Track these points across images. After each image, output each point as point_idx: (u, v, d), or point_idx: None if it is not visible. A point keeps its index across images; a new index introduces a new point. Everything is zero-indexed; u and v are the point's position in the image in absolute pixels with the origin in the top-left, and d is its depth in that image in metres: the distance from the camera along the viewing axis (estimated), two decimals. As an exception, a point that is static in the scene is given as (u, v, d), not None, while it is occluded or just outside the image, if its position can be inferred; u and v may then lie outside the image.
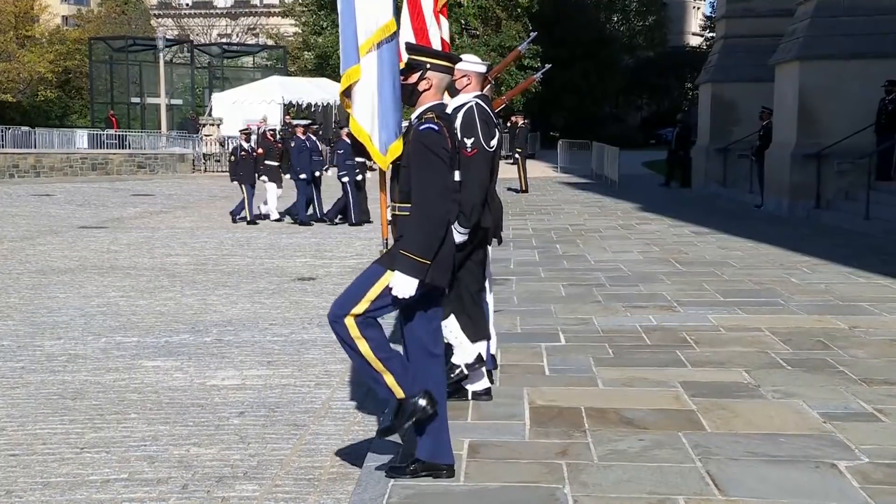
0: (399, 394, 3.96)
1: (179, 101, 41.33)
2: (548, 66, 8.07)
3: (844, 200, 15.66)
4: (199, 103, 41.02)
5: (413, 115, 4.18)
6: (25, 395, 5.90)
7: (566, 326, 7.37)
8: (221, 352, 7.02)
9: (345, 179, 16.17)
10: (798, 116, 16.47)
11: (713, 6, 59.51)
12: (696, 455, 4.43)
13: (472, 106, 5.10)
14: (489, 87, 5.61)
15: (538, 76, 7.92)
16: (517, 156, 23.79)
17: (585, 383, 5.74)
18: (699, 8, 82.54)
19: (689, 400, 5.34)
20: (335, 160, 17.73)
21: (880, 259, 10.89)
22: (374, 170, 14.91)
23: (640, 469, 4.26)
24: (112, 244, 13.38)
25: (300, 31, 49.38)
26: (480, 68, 5.30)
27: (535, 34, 8.58)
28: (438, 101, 4.17)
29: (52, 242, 13.54)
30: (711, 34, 55.47)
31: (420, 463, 4.10)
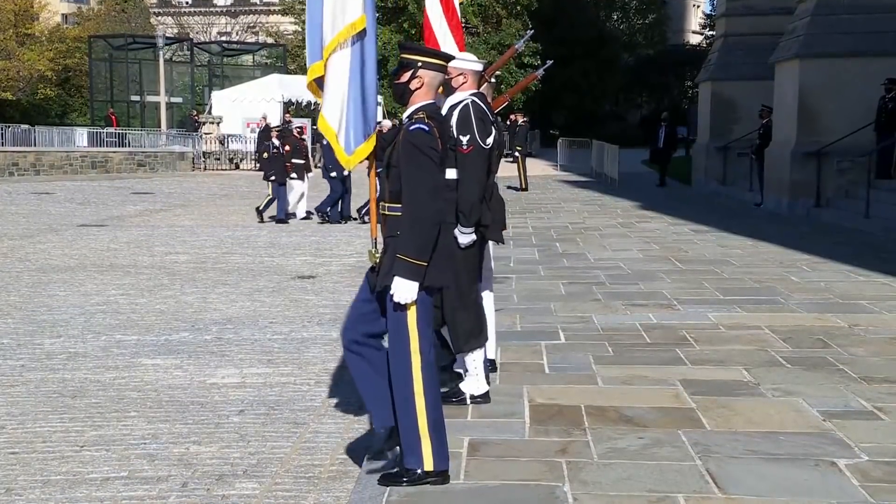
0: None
1: (179, 100, 41.31)
2: (550, 62, 8.03)
3: (844, 199, 15.66)
4: (199, 101, 41.00)
5: (404, 114, 4.15)
6: (25, 393, 5.90)
7: (566, 325, 7.37)
8: (221, 350, 7.02)
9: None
10: (798, 114, 16.47)
11: (713, 4, 59.58)
12: (695, 453, 4.43)
13: (468, 103, 5.09)
14: (486, 85, 5.60)
15: (540, 72, 7.89)
16: (517, 154, 23.80)
17: (585, 381, 5.74)
18: (699, 6, 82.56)
19: (689, 398, 5.34)
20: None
21: (880, 257, 10.89)
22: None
23: (639, 467, 4.26)
24: (112, 242, 13.38)
25: (300, 30, 49.35)
26: (477, 66, 5.29)
27: (531, 32, 8.56)
28: (430, 101, 4.13)
29: (52, 241, 13.54)
30: (711, 32, 55.49)
31: (410, 472, 4.04)
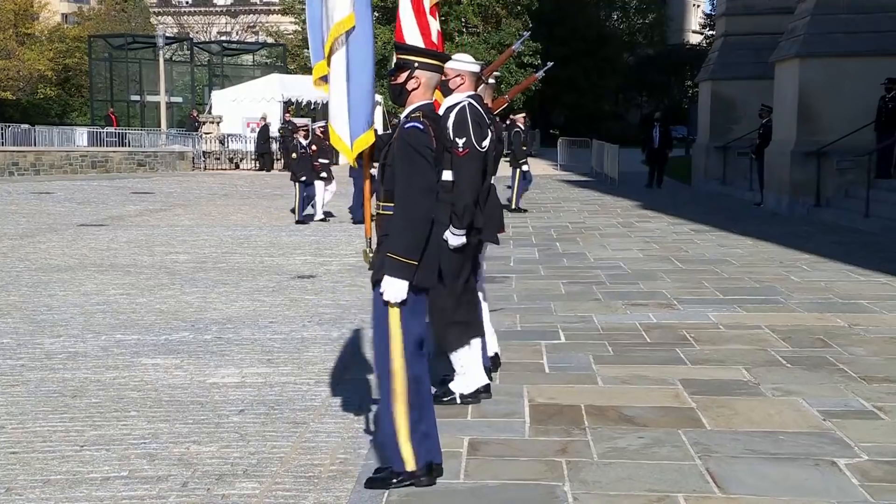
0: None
1: (179, 99, 41.32)
2: (550, 63, 8.03)
3: (844, 198, 15.66)
4: (199, 101, 41.01)
5: (402, 114, 4.18)
6: (25, 392, 5.89)
7: (566, 324, 7.37)
8: (221, 350, 7.02)
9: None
10: (798, 114, 16.47)
11: (713, 4, 59.54)
12: (695, 453, 4.43)
13: (465, 106, 5.09)
14: (484, 86, 5.60)
15: (540, 74, 7.89)
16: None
17: (585, 381, 5.74)
18: (699, 5, 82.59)
19: (689, 397, 5.34)
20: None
21: (880, 257, 10.89)
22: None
23: (639, 467, 4.26)
24: (112, 242, 13.37)
25: (300, 29, 49.33)
26: (474, 67, 5.29)
27: (527, 33, 8.55)
28: (427, 101, 4.15)
29: (52, 240, 13.53)
30: (711, 32, 55.52)
31: (396, 473, 4.05)
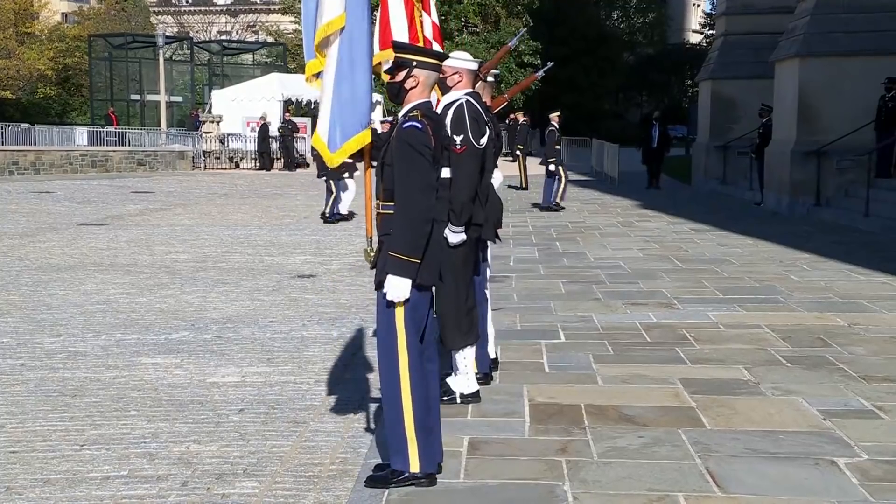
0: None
1: (179, 98, 41.31)
2: (550, 63, 8.01)
3: (844, 198, 15.66)
4: (199, 100, 41.00)
5: (400, 113, 4.19)
6: (25, 391, 5.90)
7: (566, 323, 7.37)
8: (221, 349, 7.02)
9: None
10: (798, 113, 16.47)
11: (713, 3, 59.56)
12: (695, 452, 4.43)
13: (463, 103, 5.10)
14: (482, 84, 5.60)
15: (540, 73, 7.87)
16: (518, 153, 23.80)
17: (585, 380, 5.74)
18: (699, 5, 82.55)
19: (689, 397, 5.34)
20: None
21: (880, 256, 10.90)
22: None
23: (639, 466, 4.26)
24: (112, 241, 13.37)
25: (300, 28, 49.25)
26: (472, 65, 5.29)
27: (524, 30, 8.54)
28: (425, 100, 4.16)
29: (52, 239, 13.53)
30: (711, 31, 55.50)
31: (397, 473, 4.06)
